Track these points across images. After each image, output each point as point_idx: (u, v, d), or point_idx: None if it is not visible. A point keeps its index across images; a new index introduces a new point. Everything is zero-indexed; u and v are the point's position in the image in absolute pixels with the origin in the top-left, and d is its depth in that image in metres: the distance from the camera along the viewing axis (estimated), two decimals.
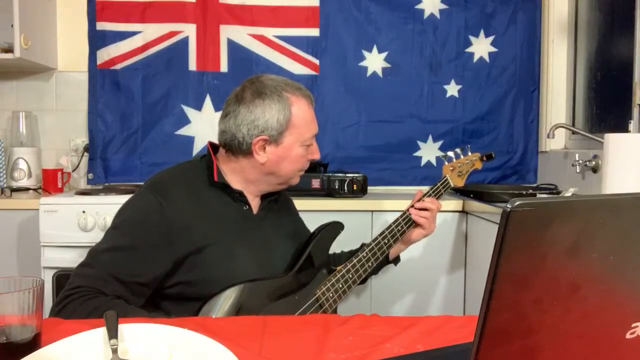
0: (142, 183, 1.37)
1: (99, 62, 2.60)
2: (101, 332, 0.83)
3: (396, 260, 1.66)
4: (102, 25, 2.59)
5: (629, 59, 2.03)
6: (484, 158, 1.77)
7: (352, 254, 1.61)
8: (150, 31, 2.60)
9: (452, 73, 2.70)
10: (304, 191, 2.26)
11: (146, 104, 2.61)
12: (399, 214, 1.59)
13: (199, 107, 2.63)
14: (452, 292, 2.25)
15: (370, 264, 1.48)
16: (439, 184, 1.67)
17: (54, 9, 2.62)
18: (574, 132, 2.58)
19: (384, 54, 2.68)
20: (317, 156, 1.41)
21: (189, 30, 2.61)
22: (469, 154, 1.76)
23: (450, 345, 0.88)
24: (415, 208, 1.58)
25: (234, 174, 1.37)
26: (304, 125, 1.34)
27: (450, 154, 1.76)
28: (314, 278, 1.40)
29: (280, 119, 1.31)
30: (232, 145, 1.34)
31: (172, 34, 2.61)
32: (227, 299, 1.22)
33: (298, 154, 1.36)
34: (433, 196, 1.63)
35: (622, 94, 2.15)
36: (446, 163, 1.74)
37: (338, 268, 1.44)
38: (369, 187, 2.36)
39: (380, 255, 1.51)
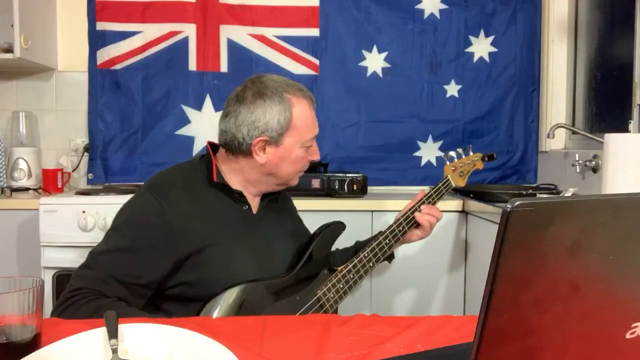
0: (142, 183, 1.37)
1: (99, 62, 2.60)
2: (101, 332, 0.83)
3: (390, 257, 1.65)
4: (102, 25, 2.59)
5: (629, 59, 2.03)
6: (486, 158, 1.77)
7: (346, 251, 1.61)
8: (150, 31, 2.60)
9: (452, 73, 2.70)
10: (304, 191, 2.26)
11: (146, 104, 2.61)
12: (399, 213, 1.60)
13: (199, 107, 2.63)
14: (452, 292, 2.25)
15: (371, 264, 1.48)
16: (440, 184, 1.66)
17: (54, 9, 2.62)
18: (574, 132, 2.59)
19: (384, 54, 2.68)
20: (316, 157, 1.41)
21: (189, 30, 2.61)
22: (471, 154, 1.76)
23: (450, 345, 0.88)
24: (422, 211, 1.57)
25: (234, 174, 1.37)
26: (304, 127, 1.34)
27: (452, 153, 1.75)
28: (315, 278, 1.40)
29: (281, 120, 1.31)
30: (232, 146, 1.34)
31: (172, 34, 2.61)
32: (228, 299, 1.22)
33: (298, 156, 1.35)
34: (434, 196, 1.63)
35: (622, 94, 2.15)
36: (448, 163, 1.74)
37: (339, 268, 1.44)
38: (369, 187, 2.36)
39: (382, 256, 1.51)
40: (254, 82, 1.35)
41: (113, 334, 0.81)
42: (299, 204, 1.63)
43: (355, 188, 2.30)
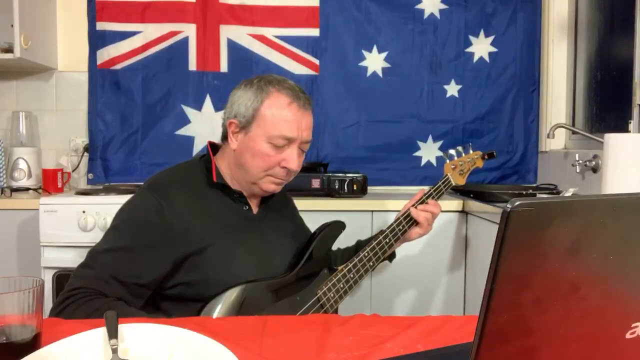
0: (142, 183, 1.37)
1: (99, 62, 2.60)
2: (101, 332, 0.83)
3: (391, 257, 1.65)
4: (102, 25, 2.59)
5: (629, 59, 2.03)
6: (486, 156, 1.76)
7: (347, 251, 1.61)
8: (150, 31, 2.60)
9: (452, 73, 2.70)
10: (304, 191, 2.26)
11: (146, 104, 2.61)
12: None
13: (199, 107, 2.63)
14: (452, 292, 2.25)
15: (371, 264, 1.48)
16: (440, 183, 1.66)
17: (54, 9, 2.62)
18: (574, 132, 2.58)
19: (384, 54, 2.68)
20: (292, 166, 1.33)
21: (189, 30, 2.61)
22: (470, 152, 1.76)
23: (450, 345, 0.88)
24: (418, 208, 1.57)
25: (227, 169, 1.37)
26: (272, 121, 1.30)
27: (452, 152, 1.75)
28: (316, 278, 1.40)
29: (248, 106, 1.32)
30: (222, 132, 1.39)
31: (172, 34, 2.61)
32: (228, 299, 1.22)
33: (262, 150, 1.31)
34: (434, 195, 1.62)
35: (622, 94, 2.15)
36: (447, 161, 1.73)
37: (339, 268, 1.44)
38: (369, 187, 2.36)
39: (382, 255, 1.51)
40: (258, 75, 1.38)
41: (113, 334, 0.81)
42: (299, 204, 1.63)
43: (355, 188, 2.30)
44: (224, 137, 1.38)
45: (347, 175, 2.33)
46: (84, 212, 2.07)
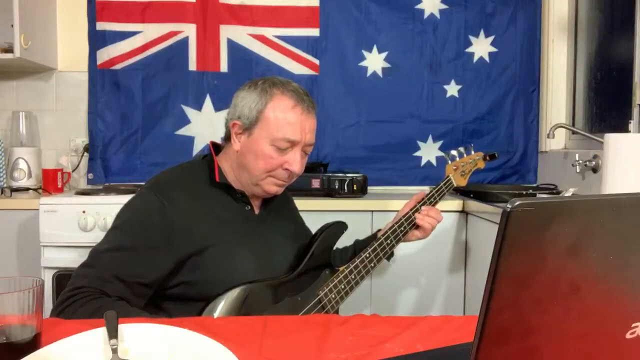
0: (142, 183, 1.37)
1: (99, 62, 2.60)
2: (101, 332, 0.83)
3: (390, 255, 1.65)
4: (102, 25, 2.59)
5: (629, 59, 2.03)
6: (487, 157, 1.76)
7: (345, 251, 1.61)
8: (150, 31, 2.60)
9: (452, 73, 2.71)
10: (304, 191, 2.26)
11: (146, 104, 2.61)
12: None
13: (199, 107, 2.63)
14: (452, 292, 2.25)
15: (372, 265, 1.48)
16: (442, 184, 1.66)
17: (54, 9, 2.62)
18: (574, 132, 2.59)
19: (384, 54, 2.68)
20: (294, 169, 1.33)
21: (189, 30, 2.61)
22: (472, 153, 1.76)
23: (450, 345, 0.88)
24: (422, 213, 1.57)
25: (230, 169, 1.37)
26: (276, 124, 1.30)
27: (454, 153, 1.75)
28: (317, 279, 1.39)
29: (252, 107, 1.31)
30: (225, 133, 1.38)
31: (172, 34, 2.61)
32: (230, 299, 1.22)
33: (264, 152, 1.31)
34: (436, 196, 1.63)
35: (622, 94, 2.15)
36: (449, 162, 1.73)
37: (341, 269, 1.44)
38: (369, 187, 2.36)
39: (383, 256, 1.51)
40: (262, 76, 1.38)
41: (113, 334, 0.81)
42: (299, 204, 1.63)
43: (355, 188, 2.30)
44: (227, 137, 1.38)
45: (347, 175, 2.33)
46: (84, 212, 2.07)
